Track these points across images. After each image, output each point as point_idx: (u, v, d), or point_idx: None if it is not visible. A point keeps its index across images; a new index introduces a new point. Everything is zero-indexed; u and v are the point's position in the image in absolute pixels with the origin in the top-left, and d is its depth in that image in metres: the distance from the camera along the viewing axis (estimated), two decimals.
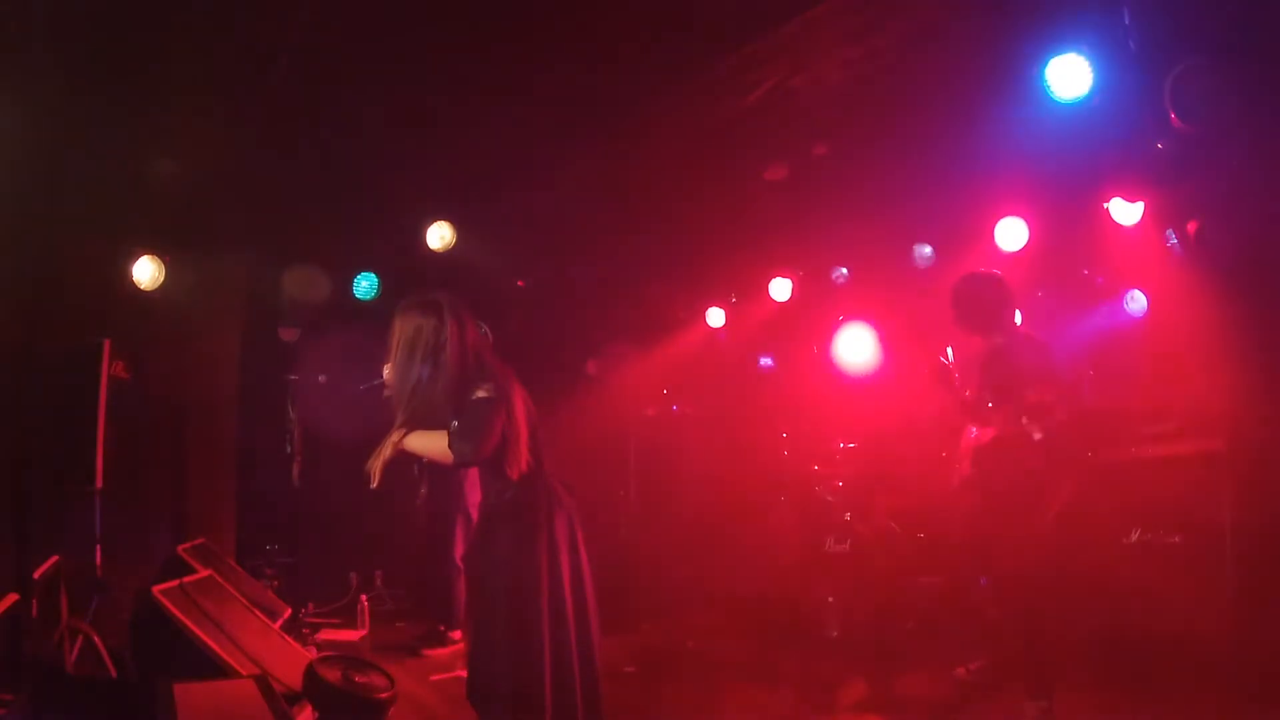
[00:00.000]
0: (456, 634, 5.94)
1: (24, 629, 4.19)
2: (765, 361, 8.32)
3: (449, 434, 3.15)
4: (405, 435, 3.20)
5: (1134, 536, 5.03)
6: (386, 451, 3.21)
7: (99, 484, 4.86)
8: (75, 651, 4.31)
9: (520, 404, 3.28)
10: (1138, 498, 5.07)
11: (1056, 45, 4.49)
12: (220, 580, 4.90)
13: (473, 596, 3.42)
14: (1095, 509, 5.22)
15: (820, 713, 4.64)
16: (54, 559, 4.54)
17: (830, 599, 5.76)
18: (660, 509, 8.14)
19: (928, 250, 6.56)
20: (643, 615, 6.50)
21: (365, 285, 7.31)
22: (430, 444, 3.19)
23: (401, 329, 3.27)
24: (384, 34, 4.68)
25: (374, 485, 3.19)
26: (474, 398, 3.16)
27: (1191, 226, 5.19)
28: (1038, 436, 4.11)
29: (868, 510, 6.11)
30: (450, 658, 5.67)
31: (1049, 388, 4.11)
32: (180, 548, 5.51)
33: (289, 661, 4.42)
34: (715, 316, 8.08)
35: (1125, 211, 5.42)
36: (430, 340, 3.22)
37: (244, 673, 3.92)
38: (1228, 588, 4.71)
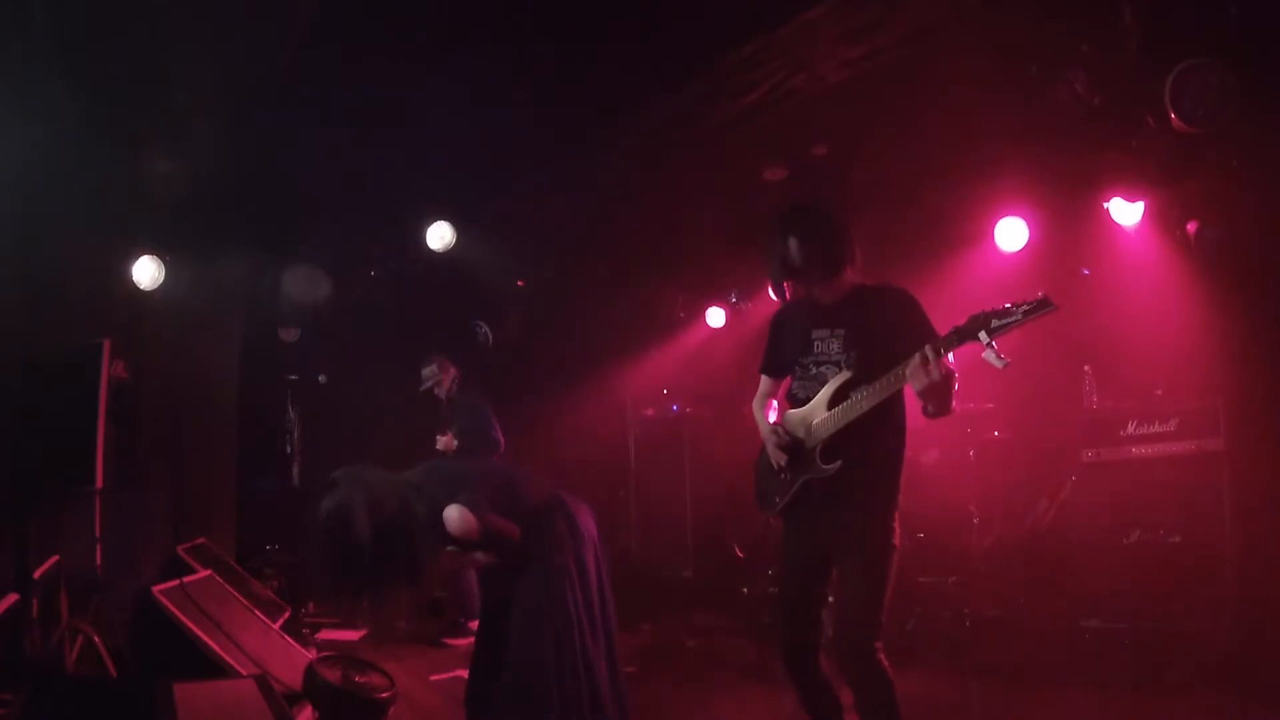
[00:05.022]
0: (475, 624, 5.96)
1: (24, 629, 4.19)
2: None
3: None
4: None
5: (1134, 536, 5.03)
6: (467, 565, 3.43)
7: (99, 484, 4.86)
8: (75, 651, 4.31)
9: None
10: (1138, 498, 5.07)
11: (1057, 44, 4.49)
12: (220, 580, 4.91)
13: (502, 617, 3.45)
14: (1095, 509, 5.23)
15: None
16: (54, 559, 4.54)
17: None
18: (660, 509, 8.14)
19: None
20: (643, 615, 6.50)
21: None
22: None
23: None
24: (384, 34, 4.68)
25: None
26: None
27: (1191, 226, 5.19)
28: None
29: None
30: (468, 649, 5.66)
31: None
32: (180, 548, 5.51)
33: (289, 661, 4.42)
34: (715, 316, 8.08)
35: (1125, 211, 5.43)
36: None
37: (244, 673, 3.92)
38: (1228, 588, 4.71)
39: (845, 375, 3.12)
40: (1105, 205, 5.45)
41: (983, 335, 2.77)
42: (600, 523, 3.66)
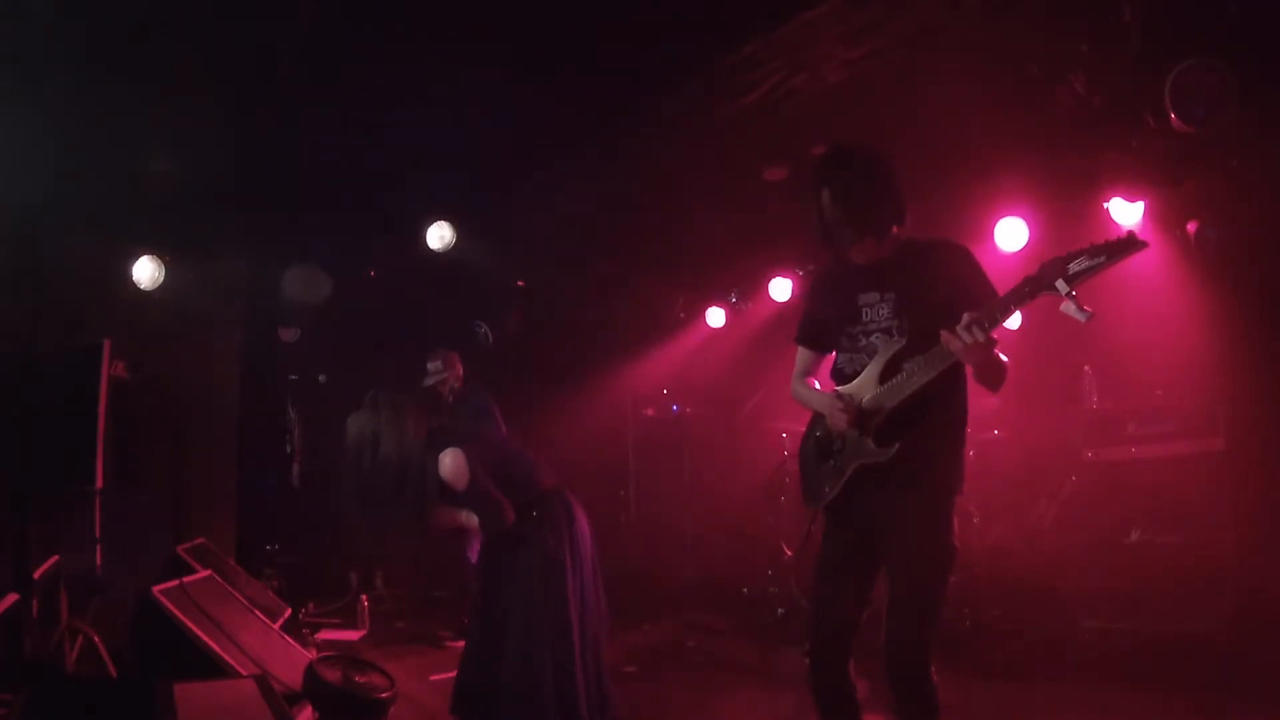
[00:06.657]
0: None
1: (24, 629, 4.19)
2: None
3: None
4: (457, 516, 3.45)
5: (1134, 536, 5.04)
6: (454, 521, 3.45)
7: (99, 484, 4.86)
8: (75, 651, 4.31)
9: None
10: (1138, 498, 5.07)
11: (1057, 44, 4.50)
12: (220, 580, 4.90)
13: (495, 611, 3.45)
14: (1095, 509, 5.23)
15: None
16: (54, 559, 4.54)
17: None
18: (660, 509, 8.14)
19: None
20: (643, 615, 6.50)
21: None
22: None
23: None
24: (384, 35, 4.68)
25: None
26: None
27: (1191, 226, 5.19)
28: None
29: None
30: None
31: None
32: (180, 548, 5.50)
33: (289, 661, 4.42)
34: (715, 316, 8.09)
35: (1125, 211, 5.43)
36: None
37: (244, 673, 3.92)
38: (1228, 588, 4.72)
39: (899, 344, 2.71)
40: (1105, 205, 5.45)
41: (1060, 284, 2.37)
42: (600, 523, 3.67)
